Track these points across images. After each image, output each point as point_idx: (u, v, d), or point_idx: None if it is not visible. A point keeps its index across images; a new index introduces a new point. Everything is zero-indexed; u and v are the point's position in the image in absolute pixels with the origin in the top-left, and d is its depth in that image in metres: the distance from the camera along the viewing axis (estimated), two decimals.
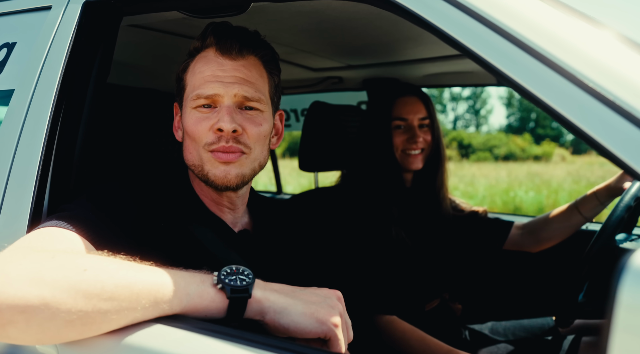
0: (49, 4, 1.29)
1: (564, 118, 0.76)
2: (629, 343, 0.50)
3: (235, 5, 1.21)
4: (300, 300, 0.98)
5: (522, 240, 2.19)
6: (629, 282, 0.49)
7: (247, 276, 0.96)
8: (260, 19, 1.59)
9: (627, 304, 0.49)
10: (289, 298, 0.97)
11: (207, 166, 1.19)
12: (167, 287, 0.90)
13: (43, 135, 1.15)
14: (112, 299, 0.84)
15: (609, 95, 0.72)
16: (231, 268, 0.96)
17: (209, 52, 1.20)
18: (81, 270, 0.86)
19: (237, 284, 0.93)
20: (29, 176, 1.14)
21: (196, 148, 1.19)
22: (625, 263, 0.47)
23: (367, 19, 1.64)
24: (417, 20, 0.93)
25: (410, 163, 1.99)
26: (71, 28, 1.23)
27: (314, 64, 2.43)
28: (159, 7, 1.23)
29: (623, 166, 0.72)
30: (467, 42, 0.86)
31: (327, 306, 0.98)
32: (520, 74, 0.80)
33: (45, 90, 1.19)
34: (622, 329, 0.50)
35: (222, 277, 0.94)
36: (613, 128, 0.71)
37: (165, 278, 0.91)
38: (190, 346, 0.86)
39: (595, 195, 1.95)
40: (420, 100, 2.01)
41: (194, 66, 1.22)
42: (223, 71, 1.18)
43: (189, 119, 1.20)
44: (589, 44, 0.80)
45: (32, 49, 1.26)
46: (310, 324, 0.95)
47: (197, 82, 1.19)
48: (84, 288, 0.83)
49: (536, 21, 0.83)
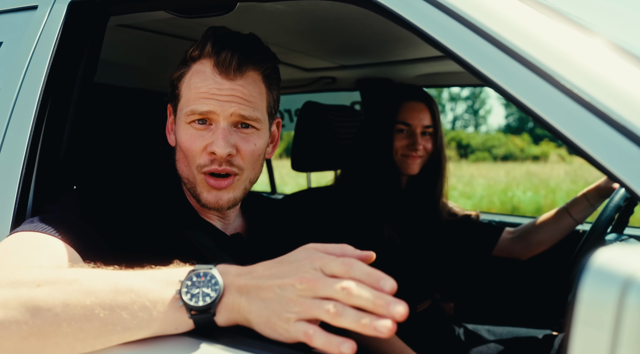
0: (35, 4, 1.29)
1: (542, 119, 0.76)
2: (588, 336, 0.52)
3: (221, 5, 1.21)
4: (260, 304, 0.81)
5: (512, 246, 2.17)
6: (589, 280, 0.51)
7: (213, 285, 0.83)
8: (249, 19, 1.59)
9: (586, 300, 0.51)
10: (252, 303, 0.82)
11: (199, 188, 1.18)
12: (126, 308, 0.82)
13: (27, 134, 1.15)
14: (63, 314, 0.81)
15: (586, 96, 0.72)
16: (198, 275, 0.84)
17: (206, 66, 1.15)
18: (34, 285, 0.83)
19: (199, 304, 0.81)
20: (12, 176, 1.13)
21: (189, 166, 1.18)
22: (586, 263, 0.49)
23: (356, 18, 1.64)
24: (400, 21, 0.93)
25: (407, 167, 1.99)
26: (57, 28, 1.23)
27: (306, 64, 2.43)
28: (145, 7, 1.23)
29: (602, 169, 0.72)
30: (447, 43, 0.86)
31: (288, 302, 0.78)
32: (500, 75, 0.80)
33: (30, 89, 1.19)
34: (582, 324, 0.52)
35: (186, 290, 0.83)
36: (591, 130, 0.71)
37: (125, 297, 0.82)
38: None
39: (585, 197, 1.94)
40: (427, 106, 2.00)
41: (189, 78, 1.17)
42: (219, 89, 1.14)
43: (182, 133, 1.17)
44: (568, 46, 0.80)
45: (17, 48, 1.26)
46: (276, 336, 0.80)
47: (192, 97, 1.15)
48: (34, 305, 0.81)
49: (515, 23, 0.83)
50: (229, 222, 1.30)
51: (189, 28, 1.67)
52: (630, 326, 0.49)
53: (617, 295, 0.49)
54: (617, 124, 0.70)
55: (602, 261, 0.51)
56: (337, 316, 0.74)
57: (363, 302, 0.74)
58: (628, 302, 0.49)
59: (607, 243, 1.60)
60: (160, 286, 0.84)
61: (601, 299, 0.51)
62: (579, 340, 0.52)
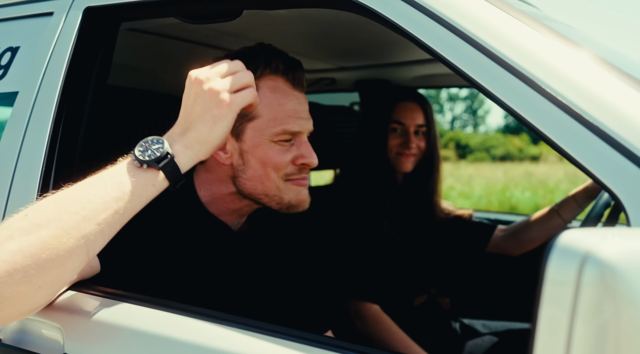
0: (51, 10, 1.36)
1: (530, 124, 0.84)
2: (554, 313, 0.57)
3: (228, 12, 1.27)
4: (196, 123, 1.04)
5: (504, 243, 2.24)
6: (554, 259, 0.55)
7: (157, 141, 1.01)
8: (253, 23, 1.65)
9: (552, 278, 0.56)
10: (191, 131, 1.04)
11: (290, 194, 1.23)
12: (98, 194, 0.95)
13: (47, 135, 1.22)
14: (55, 220, 0.89)
15: (563, 99, 0.79)
16: (142, 144, 1.01)
17: (277, 81, 1.20)
18: (22, 215, 0.91)
19: (156, 155, 0.99)
20: (33, 175, 1.20)
21: (273, 178, 1.21)
22: (552, 243, 0.54)
23: (357, 22, 1.70)
24: (395, 28, 1.00)
25: (401, 165, 2.06)
26: (73, 33, 1.29)
27: (306, 66, 2.46)
28: (157, 13, 1.29)
29: (584, 169, 0.79)
30: (435, 46, 0.94)
31: (206, 100, 1.04)
32: (484, 78, 0.87)
33: (48, 91, 1.25)
34: (548, 301, 0.57)
35: (139, 154, 0.99)
36: (567, 129, 0.78)
37: (93, 182, 0.98)
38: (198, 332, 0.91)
39: (574, 198, 2.01)
40: (420, 106, 2.07)
41: (264, 94, 1.18)
42: (301, 105, 1.22)
43: (269, 151, 1.20)
44: (547, 51, 0.88)
45: (35, 52, 1.33)
46: (214, 125, 1.04)
47: (278, 115, 1.18)
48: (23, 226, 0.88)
49: (501, 30, 0.91)
50: (243, 220, 1.35)
51: (195, 32, 1.73)
52: (585, 300, 0.54)
53: (576, 271, 0.54)
54: (596, 128, 0.77)
55: (564, 241, 0.55)
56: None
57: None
58: (584, 277, 0.53)
59: None
60: (118, 167, 1.00)
61: (563, 276, 0.55)
62: (545, 317, 0.56)
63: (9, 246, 0.85)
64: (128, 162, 1.00)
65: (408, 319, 1.96)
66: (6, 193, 1.21)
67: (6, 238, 0.86)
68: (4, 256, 0.84)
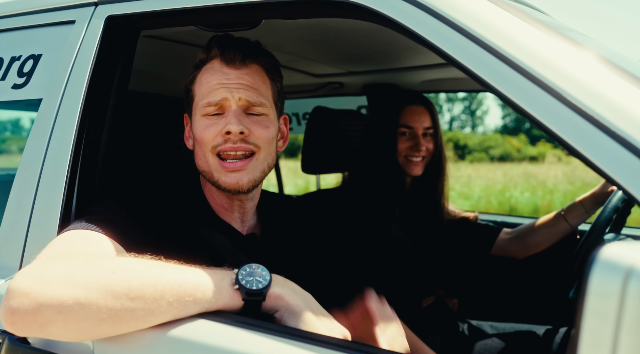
0: (73, 19, 1.38)
1: (544, 126, 0.86)
2: (598, 327, 0.58)
3: (248, 21, 1.29)
4: (313, 308, 1.03)
5: (509, 246, 2.27)
6: (596, 273, 0.57)
7: (264, 277, 1.01)
8: (267, 30, 1.68)
9: (595, 291, 0.57)
10: (303, 303, 1.03)
11: (217, 173, 1.26)
12: (189, 283, 0.97)
13: (71, 140, 1.24)
14: (139, 297, 0.92)
15: (582, 106, 0.82)
16: (250, 267, 1.02)
17: (214, 63, 1.29)
18: (110, 271, 0.94)
19: (253, 287, 0.99)
20: (58, 179, 1.22)
21: (204, 153, 1.27)
22: (595, 256, 0.56)
23: (368, 29, 1.73)
24: (410, 34, 1.03)
25: (411, 169, 2.09)
26: (95, 41, 1.31)
27: (315, 71, 2.52)
28: (178, 22, 1.31)
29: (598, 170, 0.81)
30: (452, 52, 0.97)
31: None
32: (502, 83, 0.91)
33: (72, 98, 1.28)
34: (591, 314, 0.58)
35: (240, 278, 1.00)
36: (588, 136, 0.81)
37: (188, 275, 0.98)
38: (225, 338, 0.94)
39: (581, 204, 2.04)
40: (426, 109, 2.11)
41: (200, 77, 1.31)
42: (228, 79, 1.26)
43: (198, 126, 1.28)
44: (563, 58, 0.91)
45: (58, 60, 1.35)
46: (321, 328, 1.00)
47: (205, 91, 1.28)
48: (112, 289, 0.91)
49: (512, 33, 0.95)
50: (248, 218, 1.38)
51: (208, 38, 1.75)
52: (630, 313, 0.55)
53: (620, 284, 0.55)
54: (610, 130, 0.80)
55: (607, 255, 0.57)
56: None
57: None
58: (629, 290, 0.54)
59: (605, 243, 1.69)
60: (220, 274, 1.02)
61: (607, 289, 0.56)
62: (589, 331, 0.56)
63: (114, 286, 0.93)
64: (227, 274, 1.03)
65: (416, 320, 1.98)
66: (32, 199, 1.24)
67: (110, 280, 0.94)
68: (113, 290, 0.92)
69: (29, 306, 0.90)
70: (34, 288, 0.91)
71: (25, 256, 1.21)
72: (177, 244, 1.22)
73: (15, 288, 0.92)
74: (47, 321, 0.90)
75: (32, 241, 1.21)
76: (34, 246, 1.19)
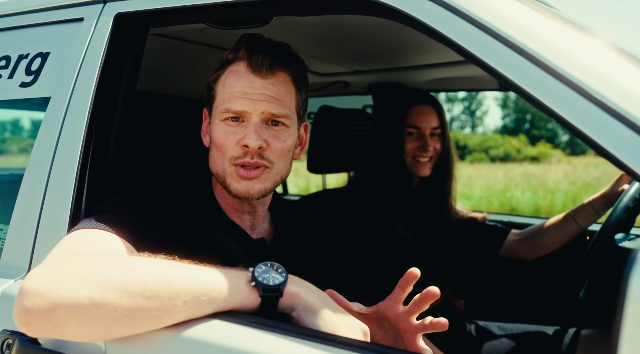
0: (81, 16, 1.36)
1: (565, 121, 0.85)
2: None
3: (259, 18, 1.28)
4: (330, 306, 1.02)
5: (518, 247, 2.25)
6: (638, 275, 0.53)
7: (280, 273, 1.00)
8: (277, 28, 1.66)
9: (636, 294, 0.53)
10: (320, 301, 1.01)
11: (230, 179, 1.24)
12: (205, 282, 0.95)
13: (81, 139, 1.22)
14: (154, 297, 0.91)
15: (601, 97, 0.80)
16: (266, 265, 1.01)
17: (240, 66, 1.24)
18: (124, 270, 0.92)
19: (269, 283, 0.98)
20: (68, 178, 1.21)
21: (221, 159, 1.25)
22: (636, 256, 0.53)
23: (379, 27, 1.71)
24: (429, 31, 1.01)
25: (419, 170, 2.07)
26: (104, 39, 1.30)
27: (321, 70, 2.50)
28: (188, 19, 1.30)
29: (623, 166, 0.80)
30: (473, 49, 0.95)
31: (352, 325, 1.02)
32: (524, 80, 0.89)
33: (81, 96, 1.26)
34: (632, 320, 0.54)
35: (257, 275, 0.99)
36: (611, 130, 0.79)
37: (204, 274, 0.97)
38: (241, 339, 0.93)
39: (591, 204, 2.02)
40: (434, 109, 2.10)
41: (224, 79, 1.26)
42: (252, 88, 1.22)
43: (217, 130, 1.25)
44: (584, 51, 0.90)
45: (66, 58, 1.33)
46: (340, 324, 0.99)
47: (226, 96, 1.24)
48: (127, 288, 0.90)
49: (533, 29, 0.93)
50: (258, 221, 1.36)
51: (218, 37, 1.74)
52: None
53: None
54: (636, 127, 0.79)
55: None
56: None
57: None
58: None
59: (616, 243, 1.68)
60: (235, 273, 1.01)
61: None
62: (630, 337, 0.53)
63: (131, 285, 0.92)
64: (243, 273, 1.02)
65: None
66: (41, 198, 1.22)
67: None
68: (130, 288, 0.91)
69: (44, 306, 0.88)
70: (48, 287, 0.89)
71: (34, 256, 1.19)
72: (186, 243, 1.21)
73: (28, 288, 0.91)
74: (62, 321, 0.89)
75: (42, 241, 1.19)
76: (43, 246, 1.18)
